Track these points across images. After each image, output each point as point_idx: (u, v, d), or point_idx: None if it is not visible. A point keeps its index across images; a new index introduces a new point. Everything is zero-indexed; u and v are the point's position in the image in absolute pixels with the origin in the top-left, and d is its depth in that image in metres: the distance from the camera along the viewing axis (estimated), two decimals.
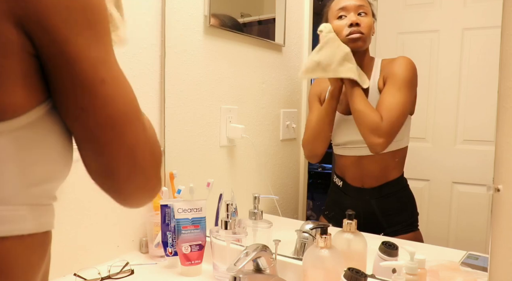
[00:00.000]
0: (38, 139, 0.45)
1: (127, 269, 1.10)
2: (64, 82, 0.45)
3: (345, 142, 1.32)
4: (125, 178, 0.49)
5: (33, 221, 0.47)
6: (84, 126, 0.47)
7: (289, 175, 1.69)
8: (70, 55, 0.44)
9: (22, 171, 0.44)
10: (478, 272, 0.94)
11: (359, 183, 1.31)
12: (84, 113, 0.46)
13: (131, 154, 0.48)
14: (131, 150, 0.48)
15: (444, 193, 1.47)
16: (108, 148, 0.47)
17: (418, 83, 1.24)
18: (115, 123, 0.47)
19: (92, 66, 0.45)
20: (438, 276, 0.91)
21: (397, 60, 1.25)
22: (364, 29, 1.26)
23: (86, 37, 0.44)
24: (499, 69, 0.64)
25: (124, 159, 0.48)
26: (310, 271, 0.93)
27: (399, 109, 1.20)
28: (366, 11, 1.28)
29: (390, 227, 1.24)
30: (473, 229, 1.35)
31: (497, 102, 0.64)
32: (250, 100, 1.50)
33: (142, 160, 0.49)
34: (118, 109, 0.47)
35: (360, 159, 1.30)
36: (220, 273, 1.07)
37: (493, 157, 0.65)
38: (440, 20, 1.51)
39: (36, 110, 0.45)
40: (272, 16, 1.59)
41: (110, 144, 0.47)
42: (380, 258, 0.96)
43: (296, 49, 1.68)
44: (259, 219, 1.17)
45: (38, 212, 0.47)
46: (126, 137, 0.48)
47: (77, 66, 0.44)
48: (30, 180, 0.45)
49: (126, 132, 0.48)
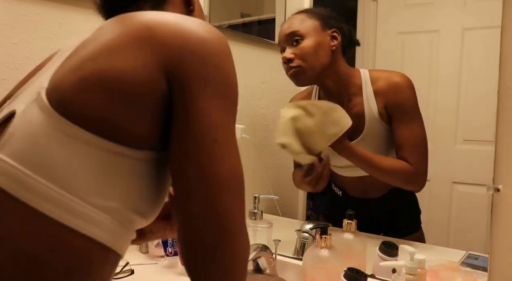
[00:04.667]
0: (150, 175, 0.52)
1: (127, 269, 1.10)
2: (182, 134, 0.50)
3: (342, 166, 1.22)
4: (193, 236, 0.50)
5: (121, 240, 0.52)
6: (183, 178, 0.50)
7: (289, 175, 1.69)
8: (197, 110, 0.50)
9: (131, 194, 0.51)
10: (478, 272, 0.94)
11: (360, 194, 1.25)
12: (188, 166, 0.50)
13: (218, 223, 0.49)
14: (220, 218, 0.49)
15: (444, 193, 1.47)
16: (197, 205, 0.49)
17: (418, 83, 1.19)
18: (214, 183, 0.49)
19: (212, 125, 0.50)
20: (438, 276, 0.91)
21: (396, 83, 1.11)
22: (300, 60, 1.10)
23: (216, 101, 0.51)
24: (499, 69, 0.64)
25: (209, 225, 0.49)
26: (310, 271, 0.93)
27: (424, 143, 1.11)
28: (301, 35, 1.11)
29: (393, 230, 1.21)
30: (473, 229, 1.35)
31: (497, 102, 0.64)
32: (250, 100, 1.50)
33: (230, 227, 0.50)
34: (221, 172, 0.49)
35: (361, 177, 1.21)
36: None
37: (493, 157, 0.65)
38: (440, 20, 1.51)
39: (154, 152, 0.52)
40: (272, 16, 1.59)
41: (201, 203, 0.49)
42: (380, 258, 0.96)
43: None
44: (259, 219, 1.17)
45: (126, 235, 0.53)
46: (219, 203, 0.49)
47: (200, 121, 0.50)
48: (132, 205, 0.51)
49: (221, 198, 0.49)
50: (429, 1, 1.55)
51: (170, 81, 0.51)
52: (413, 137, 1.10)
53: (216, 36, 0.55)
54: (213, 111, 0.50)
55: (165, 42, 0.52)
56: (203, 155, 0.49)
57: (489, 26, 1.29)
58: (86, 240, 0.48)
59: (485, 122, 1.32)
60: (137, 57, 0.51)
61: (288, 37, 1.13)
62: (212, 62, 0.52)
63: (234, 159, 0.52)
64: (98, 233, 0.49)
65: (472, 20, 1.44)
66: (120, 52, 0.51)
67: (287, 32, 1.13)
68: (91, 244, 0.49)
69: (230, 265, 0.50)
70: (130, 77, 0.50)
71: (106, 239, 0.50)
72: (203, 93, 0.50)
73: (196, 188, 0.49)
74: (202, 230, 0.49)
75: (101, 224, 0.49)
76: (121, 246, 0.53)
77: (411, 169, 1.08)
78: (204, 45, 0.53)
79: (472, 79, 1.44)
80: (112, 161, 0.49)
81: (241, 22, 1.51)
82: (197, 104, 0.50)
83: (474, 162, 1.39)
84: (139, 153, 0.51)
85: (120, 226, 0.51)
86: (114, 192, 0.50)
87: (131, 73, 0.50)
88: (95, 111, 0.49)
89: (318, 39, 1.11)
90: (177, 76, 0.51)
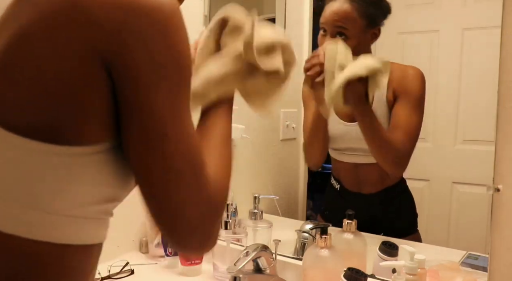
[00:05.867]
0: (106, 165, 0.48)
1: (127, 269, 1.10)
2: (130, 127, 0.47)
3: (343, 148, 1.26)
4: (170, 230, 0.50)
5: (93, 233, 0.51)
6: (139, 172, 0.48)
7: (289, 175, 1.69)
8: (144, 103, 0.45)
9: (90, 190, 0.48)
10: (478, 272, 0.94)
11: (355, 188, 1.27)
12: (141, 161, 0.47)
13: (178, 212, 0.48)
14: (180, 208, 0.48)
15: (444, 193, 1.46)
16: (157, 200, 0.49)
17: None
18: (169, 178, 0.47)
19: (160, 119, 0.46)
20: (438, 276, 0.91)
21: (409, 74, 1.15)
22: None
23: (165, 90, 0.46)
24: (499, 69, 0.64)
25: (169, 215, 0.49)
26: (310, 271, 0.93)
27: (418, 128, 1.14)
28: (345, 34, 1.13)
29: (388, 230, 1.22)
30: (473, 229, 1.34)
31: (497, 102, 0.64)
32: None
33: (190, 219, 0.49)
34: (173, 166, 0.47)
35: (356, 166, 1.24)
36: (220, 273, 1.07)
37: (493, 157, 0.65)
38: (440, 20, 1.50)
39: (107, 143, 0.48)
40: (272, 16, 1.59)
41: (160, 196, 0.48)
42: (380, 258, 0.96)
43: (296, 49, 1.67)
44: (259, 219, 1.17)
45: (98, 225, 0.52)
46: (177, 193, 0.48)
47: (147, 115, 0.46)
48: (96, 199, 0.49)
49: (178, 188, 0.48)
50: (429, 1, 1.54)
51: (109, 70, 0.44)
52: (409, 122, 1.13)
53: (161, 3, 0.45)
54: (162, 102, 0.45)
55: (97, 20, 0.43)
56: (155, 152, 0.46)
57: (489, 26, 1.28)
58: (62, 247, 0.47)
59: (485, 122, 1.32)
60: (62, 45, 0.43)
61: (333, 25, 1.14)
62: (159, 43, 0.44)
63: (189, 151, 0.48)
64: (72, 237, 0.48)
65: (472, 20, 1.44)
66: (42, 40, 0.44)
67: (337, 24, 1.14)
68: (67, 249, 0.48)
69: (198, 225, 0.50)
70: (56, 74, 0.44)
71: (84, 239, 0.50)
72: (149, 82, 0.45)
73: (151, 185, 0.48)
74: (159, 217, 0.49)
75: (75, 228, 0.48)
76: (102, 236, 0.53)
77: (402, 152, 1.12)
78: (148, 19, 0.44)
79: (472, 79, 1.43)
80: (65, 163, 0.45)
81: None
82: (143, 95, 0.45)
83: (474, 162, 1.39)
84: (94, 148, 0.47)
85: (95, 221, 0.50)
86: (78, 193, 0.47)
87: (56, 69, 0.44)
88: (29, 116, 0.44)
89: (361, 40, 1.15)
90: (116, 64, 0.44)
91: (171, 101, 0.46)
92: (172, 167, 0.47)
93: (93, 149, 0.46)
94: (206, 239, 0.52)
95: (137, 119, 0.46)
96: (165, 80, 0.45)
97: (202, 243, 0.52)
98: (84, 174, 0.47)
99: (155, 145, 0.46)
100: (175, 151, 0.47)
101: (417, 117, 1.14)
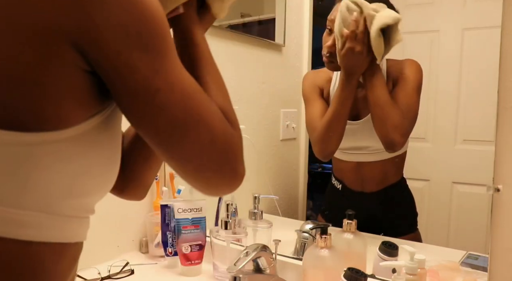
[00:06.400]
0: (81, 153, 0.46)
1: (127, 269, 1.10)
2: (120, 95, 0.46)
3: (346, 148, 1.26)
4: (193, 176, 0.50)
5: (65, 231, 0.47)
6: (145, 134, 0.48)
7: (289, 175, 1.69)
8: (122, 67, 0.44)
9: (60, 183, 0.45)
10: (478, 272, 0.94)
11: (358, 187, 1.28)
12: (142, 122, 0.47)
13: (194, 157, 0.48)
14: (194, 154, 0.48)
15: (444, 193, 1.46)
16: (171, 153, 0.48)
17: None
18: (174, 129, 0.47)
19: (146, 77, 0.44)
20: (438, 276, 0.91)
21: (406, 63, 1.18)
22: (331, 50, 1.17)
23: (138, 49, 0.44)
24: (499, 69, 0.64)
25: (187, 161, 0.48)
26: (310, 271, 0.93)
27: (416, 109, 1.15)
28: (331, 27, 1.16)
29: (389, 229, 1.23)
30: (473, 229, 1.34)
31: (497, 102, 0.64)
32: (250, 100, 1.50)
33: (208, 161, 0.49)
34: (176, 116, 0.46)
35: (360, 165, 1.26)
36: (220, 273, 1.07)
37: (493, 157, 0.65)
38: (440, 20, 1.51)
39: (83, 125, 0.45)
40: (272, 16, 1.59)
41: (172, 149, 0.48)
42: (380, 258, 0.96)
43: (296, 49, 1.68)
44: (259, 219, 1.17)
45: (72, 224, 0.48)
46: (187, 141, 0.47)
47: (130, 77, 0.44)
48: (69, 192, 0.46)
49: (187, 136, 0.47)
50: (429, 1, 1.55)
51: (76, 44, 0.42)
52: (410, 102, 1.14)
53: None
54: (140, 60, 0.44)
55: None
56: (152, 108, 0.45)
57: (489, 26, 1.28)
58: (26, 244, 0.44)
59: (485, 122, 1.32)
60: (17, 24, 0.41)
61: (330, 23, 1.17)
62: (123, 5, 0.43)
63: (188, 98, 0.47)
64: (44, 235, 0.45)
65: (472, 20, 1.44)
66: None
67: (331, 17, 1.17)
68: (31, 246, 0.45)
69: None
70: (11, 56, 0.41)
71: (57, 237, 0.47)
72: (123, 47, 0.43)
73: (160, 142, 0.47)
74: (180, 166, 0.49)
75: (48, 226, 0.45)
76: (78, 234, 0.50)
77: (403, 119, 1.11)
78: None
79: (472, 79, 1.43)
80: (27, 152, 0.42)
81: (241, 22, 1.51)
82: (119, 59, 0.43)
83: (474, 162, 1.39)
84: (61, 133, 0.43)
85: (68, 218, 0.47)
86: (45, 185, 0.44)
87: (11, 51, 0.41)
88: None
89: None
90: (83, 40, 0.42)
91: (151, 57, 0.45)
92: (175, 117, 0.46)
93: (62, 134, 0.44)
94: (233, 177, 0.51)
95: (122, 85, 0.45)
96: (138, 38, 0.44)
97: (229, 182, 0.51)
98: (52, 163, 0.44)
99: (150, 102, 0.45)
100: (173, 102, 0.46)
101: (415, 98, 1.15)
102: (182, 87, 0.47)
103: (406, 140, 1.15)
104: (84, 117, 0.45)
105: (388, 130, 1.12)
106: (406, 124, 1.12)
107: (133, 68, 0.44)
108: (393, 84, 1.19)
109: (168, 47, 0.47)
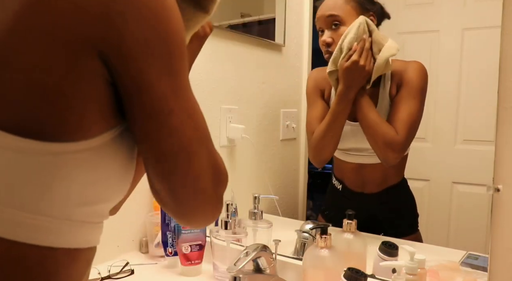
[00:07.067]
0: (100, 163, 0.47)
1: (127, 269, 1.10)
2: (134, 110, 0.46)
3: (347, 149, 1.26)
4: (185, 203, 0.50)
5: (81, 236, 0.49)
6: (150, 152, 0.48)
7: (289, 175, 1.69)
8: (141, 84, 0.44)
9: (79, 191, 0.46)
10: (478, 272, 0.94)
11: (359, 188, 1.27)
12: (150, 141, 0.47)
13: (192, 183, 0.49)
14: (193, 179, 0.49)
15: (444, 193, 1.47)
16: (171, 176, 0.48)
17: None
18: (179, 153, 0.47)
19: (162, 97, 0.45)
20: (438, 276, 0.91)
21: (411, 66, 1.17)
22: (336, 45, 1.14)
23: (159, 68, 0.45)
24: (499, 69, 0.64)
25: (184, 187, 0.49)
26: (310, 271, 0.93)
27: (415, 120, 1.14)
28: (340, 20, 1.16)
29: (390, 229, 1.23)
30: (473, 229, 1.35)
31: (497, 102, 0.64)
32: (250, 100, 1.50)
33: (206, 188, 0.50)
34: (184, 140, 0.47)
35: (361, 166, 1.25)
36: (220, 273, 1.07)
37: (493, 157, 0.65)
38: (440, 20, 1.51)
39: (103, 136, 0.46)
40: (272, 16, 1.59)
41: (173, 172, 0.48)
42: (380, 258, 0.96)
43: (296, 49, 1.68)
44: (259, 219, 1.17)
45: (87, 229, 0.49)
46: (190, 166, 0.48)
47: (147, 95, 0.45)
48: (85, 200, 0.47)
49: (190, 161, 0.48)
50: (429, 1, 1.55)
51: (103, 56, 0.43)
52: (408, 113, 1.14)
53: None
54: (160, 79, 0.45)
55: (80, 4, 0.41)
56: (163, 129, 0.46)
57: (489, 26, 1.28)
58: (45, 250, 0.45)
59: (485, 122, 1.32)
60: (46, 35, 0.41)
61: (327, 20, 1.18)
62: (149, 20, 0.43)
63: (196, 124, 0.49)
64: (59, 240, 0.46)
65: (472, 20, 1.44)
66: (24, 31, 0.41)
67: (326, 14, 1.18)
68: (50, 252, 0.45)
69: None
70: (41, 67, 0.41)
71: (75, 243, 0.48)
72: (144, 62, 0.44)
73: (163, 163, 0.47)
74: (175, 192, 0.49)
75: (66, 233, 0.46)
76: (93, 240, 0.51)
77: (394, 135, 1.12)
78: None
79: (472, 79, 1.44)
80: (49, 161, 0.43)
81: (241, 22, 1.51)
82: (140, 75, 0.44)
83: (474, 162, 1.39)
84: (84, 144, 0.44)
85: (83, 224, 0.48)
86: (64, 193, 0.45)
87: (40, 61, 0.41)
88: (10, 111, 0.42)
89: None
90: (109, 48, 0.43)
91: (170, 78, 0.46)
92: (182, 141, 0.47)
93: (84, 145, 0.44)
94: (219, 205, 0.53)
95: (138, 100, 0.45)
96: (160, 57, 0.45)
97: (215, 210, 0.53)
98: (72, 172, 0.44)
99: (161, 122, 0.46)
100: (183, 125, 0.47)
101: (416, 107, 1.15)
102: (194, 113, 0.49)
103: (402, 154, 1.15)
104: (105, 128, 0.46)
105: (381, 148, 1.14)
106: (400, 139, 1.12)
107: (152, 85, 0.45)
108: (397, 87, 1.18)
109: (185, 68, 0.48)
